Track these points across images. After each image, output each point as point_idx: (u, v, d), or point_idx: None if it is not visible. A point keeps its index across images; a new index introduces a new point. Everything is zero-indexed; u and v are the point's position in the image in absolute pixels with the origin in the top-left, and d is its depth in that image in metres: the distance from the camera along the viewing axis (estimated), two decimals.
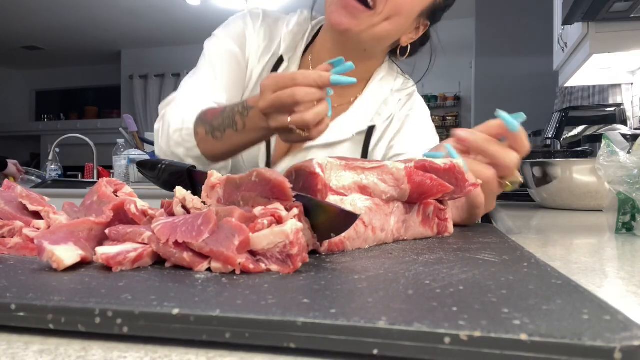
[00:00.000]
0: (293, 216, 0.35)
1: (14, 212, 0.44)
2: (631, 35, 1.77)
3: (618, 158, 0.62)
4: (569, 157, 1.68)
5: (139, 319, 0.23)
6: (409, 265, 0.34)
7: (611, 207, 0.64)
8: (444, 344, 0.20)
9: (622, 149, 0.63)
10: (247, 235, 0.32)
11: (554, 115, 2.35)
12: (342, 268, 0.34)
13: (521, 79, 4.10)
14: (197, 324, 0.22)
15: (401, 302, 0.24)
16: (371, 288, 0.28)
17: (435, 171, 0.48)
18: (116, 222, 0.40)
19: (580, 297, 0.25)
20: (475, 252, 0.39)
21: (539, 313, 0.22)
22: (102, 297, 0.26)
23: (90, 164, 3.03)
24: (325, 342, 0.21)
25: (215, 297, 0.26)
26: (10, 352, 0.22)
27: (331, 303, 0.24)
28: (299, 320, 0.22)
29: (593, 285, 0.35)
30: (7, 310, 0.25)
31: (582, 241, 0.61)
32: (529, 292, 0.26)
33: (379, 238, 0.45)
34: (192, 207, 0.41)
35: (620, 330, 0.20)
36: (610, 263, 0.45)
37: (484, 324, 0.21)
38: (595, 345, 0.18)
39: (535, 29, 3.90)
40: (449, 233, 0.52)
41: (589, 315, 0.22)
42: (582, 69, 2.07)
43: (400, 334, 0.20)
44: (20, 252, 0.40)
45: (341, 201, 0.42)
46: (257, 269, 0.32)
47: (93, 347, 0.23)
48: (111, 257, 0.32)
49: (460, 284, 0.28)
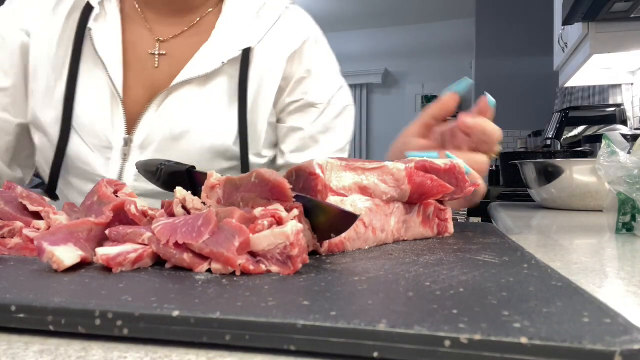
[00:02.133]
0: (293, 217, 0.35)
1: (14, 212, 0.44)
2: (631, 35, 1.77)
3: (618, 158, 0.62)
4: (569, 157, 1.68)
5: (139, 321, 0.23)
6: (409, 266, 0.34)
7: (611, 207, 0.64)
8: (444, 347, 0.20)
9: (622, 149, 0.63)
10: (247, 236, 0.32)
11: (554, 115, 2.35)
12: (342, 269, 0.34)
13: (521, 79, 4.10)
14: (197, 326, 0.23)
15: (401, 304, 0.24)
16: (371, 290, 0.28)
17: (436, 171, 0.48)
18: (116, 222, 0.40)
19: (580, 300, 0.25)
20: (475, 253, 0.39)
21: (539, 316, 0.22)
22: (102, 298, 0.26)
23: None
24: (325, 344, 0.21)
25: (215, 298, 0.26)
26: (10, 352, 0.22)
27: (331, 305, 0.24)
28: (299, 322, 0.22)
29: (593, 285, 0.35)
30: (7, 312, 0.25)
31: (582, 241, 0.61)
32: (529, 294, 0.26)
33: (379, 238, 0.45)
34: (192, 207, 0.41)
35: (621, 333, 0.20)
36: (610, 263, 0.45)
37: (484, 326, 0.21)
38: (595, 348, 0.18)
39: (535, 29, 3.91)
40: (449, 233, 0.52)
41: (589, 318, 0.22)
42: (582, 69, 2.07)
43: (400, 336, 0.20)
44: (20, 252, 0.40)
45: (341, 201, 0.42)
46: (257, 270, 0.32)
47: (93, 347, 0.23)
48: (111, 257, 0.32)
49: (460, 285, 0.28)
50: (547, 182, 1.12)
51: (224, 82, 0.76)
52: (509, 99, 4.04)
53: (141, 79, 0.77)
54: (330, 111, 0.83)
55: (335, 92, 0.84)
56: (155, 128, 0.74)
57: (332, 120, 0.83)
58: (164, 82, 0.76)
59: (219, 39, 0.78)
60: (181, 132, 0.74)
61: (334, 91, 0.84)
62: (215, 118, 0.76)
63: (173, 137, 0.74)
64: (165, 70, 0.77)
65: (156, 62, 0.77)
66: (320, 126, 0.82)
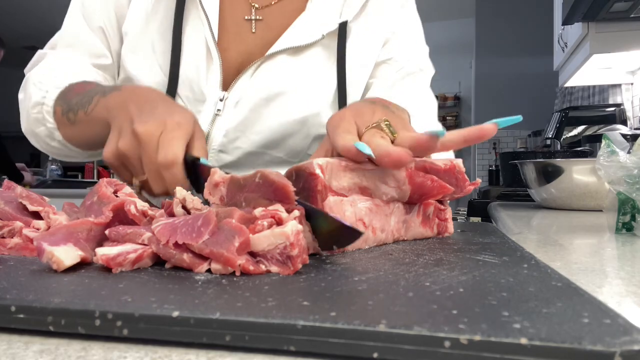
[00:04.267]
0: (294, 218, 0.35)
1: (14, 213, 0.44)
2: (631, 35, 1.77)
3: (618, 158, 0.62)
4: (569, 157, 1.68)
5: (139, 322, 0.23)
6: (409, 267, 0.34)
7: (611, 207, 0.64)
8: (444, 348, 0.20)
9: (622, 149, 0.63)
10: (247, 237, 0.32)
11: (554, 115, 2.35)
12: (342, 269, 0.34)
13: (521, 79, 4.10)
14: (197, 326, 0.23)
15: (401, 305, 0.24)
16: (371, 290, 0.28)
17: (436, 172, 0.48)
18: (116, 222, 0.40)
19: (580, 300, 0.25)
20: (475, 253, 0.39)
21: (539, 316, 0.22)
22: (102, 298, 0.26)
23: (90, 164, 3.03)
24: (325, 345, 0.21)
25: (215, 299, 0.26)
26: (10, 352, 0.22)
27: (331, 305, 0.24)
28: (299, 323, 0.22)
29: (593, 285, 0.35)
30: (7, 312, 0.25)
31: (582, 241, 0.61)
32: (529, 295, 0.26)
33: (379, 238, 0.45)
34: (192, 207, 0.41)
35: (621, 334, 0.20)
36: (610, 263, 0.45)
37: (484, 327, 0.21)
38: (595, 349, 0.18)
39: (535, 29, 3.91)
40: (449, 233, 0.52)
41: (589, 319, 0.22)
42: (582, 69, 2.07)
43: (400, 337, 0.20)
44: (20, 252, 0.40)
45: (341, 202, 0.42)
46: (257, 270, 0.32)
47: (93, 347, 0.23)
48: (111, 258, 0.32)
49: (460, 286, 0.28)
50: (547, 182, 1.12)
51: (319, 52, 0.78)
52: (509, 99, 4.04)
53: (236, 43, 0.77)
54: (416, 72, 0.84)
55: (420, 54, 0.86)
56: (250, 90, 0.75)
57: (415, 81, 0.84)
58: (259, 48, 0.77)
59: (316, 10, 0.79)
60: (277, 94, 0.75)
61: (420, 53, 0.86)
62: (311, 85, 0.77)
63: (268, 98, 0.75)
64: (262, 37, 0.78)
65: (253, 28, 0.78)
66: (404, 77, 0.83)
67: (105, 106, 0.59)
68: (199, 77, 0.74)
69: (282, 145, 0.78)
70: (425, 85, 0.87)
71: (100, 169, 3.01)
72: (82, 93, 0.64)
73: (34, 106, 0.70)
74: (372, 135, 0.45)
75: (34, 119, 0.71)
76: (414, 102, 0.78)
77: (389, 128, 0.46)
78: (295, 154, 0.79)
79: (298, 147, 0.79)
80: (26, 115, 0.73)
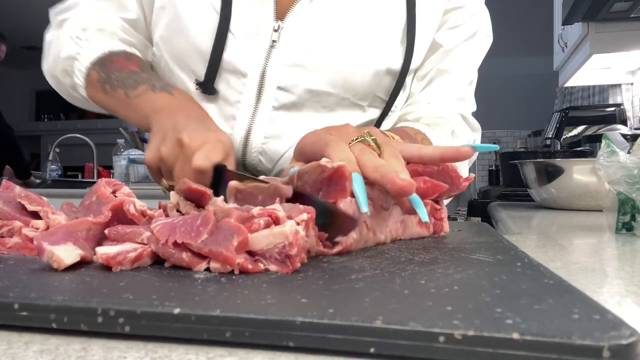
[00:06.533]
0: (302, 221, 0.34)
1: (13, 212, 0.45)
2: (631, 35, 1.77)
3: (618, 158, 0.62)
4: (569, 157, 1.68)
5: (141, 318, 0.24)
6: (405, 265, 0.34)
7: (611, 207, 0.65)
8: (438, 343, 0.20)
9: (622, 149, 0.63)
10: (245, 236, 0.33)
11: (554, 115, 2.35)
12: (339, 268, 0.34)
13: (521, 79, 4.10)
14: (198, 323, 0.23)
15: (397, 302, 0.25)
16: (368, 288, 0.28)
17: (429, 173, 0.49)
18: (115, 222, 0.40)
19: (571, 297, 0.25)
20: (469, 252, 0.39)
21: (531, 312, 0.23)
22: (103, 296, 0.26)
23: (90, 164, 3.03)
24: (323, 341, 0.22)
25: (215, 296, 0.26)
26: (10, 352, 0.22)
27: (329, 303, 0.25)
28: (297, 319, 0.22)
29: (593, 285, 0.35)
30: (10, 310, 0.25)
31: (582, 241, 0.61)
32: (522, 292, 0.27)
33: (379, 239, 0.46)
34: (186, 212, 0.41)
35: (609, 329, 0.20)
36: (610, 263, 0.46)
37: (477, 323, 0.21)
38: (584, 344, 0.19)
39: (535, 29, 3.90)
40: (445, 232, 0.53)
41: (579, 315, 0.22)
42: (582, 69, 2.07)
43: (396, 333, 0.21)
44: (20, 251, 0.41)
45: (350, 202, 0.42)
46: (255, 268, 0.32)
47: (93, 347, 0.23)
48: (111, 257, 0.33)
49: (454, 283, 0.29)
50: (547, 182, 1.13)
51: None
52: (509, 99, 4.04)
53: None
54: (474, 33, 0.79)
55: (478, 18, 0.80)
56: (308, 18, 0.68)
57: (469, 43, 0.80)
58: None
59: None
60: (338, 21, 0.69)
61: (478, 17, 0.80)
62: (378, 15, 0.70)
63: (329, 26, 0.69)
64: None
65: None
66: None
67: (151, 104, 0.60)
68: (253, 5, 0.68)
69: (347, 84, 0.70)
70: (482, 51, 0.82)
71: (100, 169, 3.01)
72: (126, 72, 0.64)
73: (66, 58, 0.70)
74: (360, 151, 0.45)
75: (62, 69, 0.71)
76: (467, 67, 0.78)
77: (375, 142, 0.46)
78: (363, 96, 0.72)
79: (365, 86, 0.71)
80: (53, 60, 0.72)
